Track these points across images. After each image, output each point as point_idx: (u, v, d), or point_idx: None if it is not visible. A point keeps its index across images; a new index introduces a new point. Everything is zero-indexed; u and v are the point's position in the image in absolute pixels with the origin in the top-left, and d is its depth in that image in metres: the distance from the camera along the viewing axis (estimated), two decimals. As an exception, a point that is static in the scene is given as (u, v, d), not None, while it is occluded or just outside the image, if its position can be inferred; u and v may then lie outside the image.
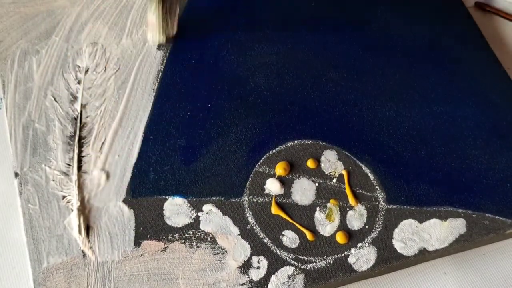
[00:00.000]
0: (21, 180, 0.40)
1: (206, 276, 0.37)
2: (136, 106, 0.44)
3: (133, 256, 0.38)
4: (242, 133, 0.43)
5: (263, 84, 0.45)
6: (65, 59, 0.46)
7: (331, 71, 0.46)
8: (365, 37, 0.49)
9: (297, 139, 0.43)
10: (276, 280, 0.37)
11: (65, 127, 0.43)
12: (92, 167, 0.41)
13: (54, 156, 0.41)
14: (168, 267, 0.37)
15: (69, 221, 0.39)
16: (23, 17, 0.48)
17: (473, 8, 0.53)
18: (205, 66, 0.46)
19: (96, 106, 0.44)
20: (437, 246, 0.39)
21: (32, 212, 0.39)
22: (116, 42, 0.47)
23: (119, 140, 0.42)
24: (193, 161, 0.42)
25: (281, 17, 0.49)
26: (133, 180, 0.40)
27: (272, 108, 0.44)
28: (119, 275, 0.37)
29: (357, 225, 0.39)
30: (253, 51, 0.47)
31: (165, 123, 0.43)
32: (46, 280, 0.37)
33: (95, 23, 0.48)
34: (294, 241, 0.39)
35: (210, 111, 0.44)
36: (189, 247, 0.38)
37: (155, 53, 0.47)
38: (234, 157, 0.42)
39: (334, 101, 0.45)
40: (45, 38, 0.47)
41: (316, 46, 0.48)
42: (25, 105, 0.43)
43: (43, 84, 0.44)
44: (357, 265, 0.38)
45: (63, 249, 0.38)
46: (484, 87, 0.47)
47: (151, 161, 0.41)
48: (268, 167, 0.41)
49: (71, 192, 0.40)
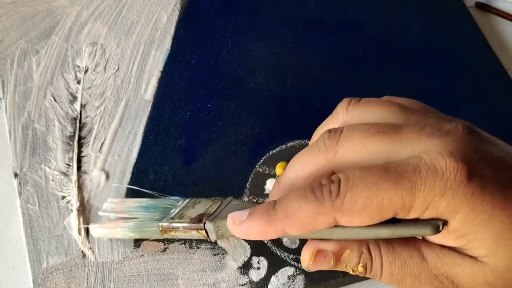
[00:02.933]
0: (21, 180, 0.40)
1: (206, 276, 0.37)
2: (136, 106, 0.44)
3: (133, 257, 0.38)
4: (242, 133, 0.43)
5: (263, 84, 0.45)
6: (65, 59, 0.46)
7: (331, 71, 0.46)
8: (365, 37, 0.48)
9: (297, 139, 0.43)
10: (276, 280, 0.37)
11: (64, 127, 0.42)
12: (92, 167, 0.41)
13: (54, 156, 0.41)
14: (168, 268, 0.37)
15: (69, 221, 0.38)
16: (22, 17, 0.48)
17: (473, 8, 0.53)
18: (205, 66, 0.46)
19: (95, 106, 0.44)
20: (437, 246, 0.39)
21: (31, 213, 0.39)
22: (116, 42, 0.47)
23: (118, 140, 0.42)
24: (193, 161, 0.41)
25: (281, 17, 0.49)
26: (133, 181, 0.40)
27: (272, 108, 0.44)
28: (119, 275, 0.37)
29: (357, 225, 0.39)
30: (253, 51, 0.47)
31: (165, 123, 0.43)
32: (46, 281, 0.37)
33: (94, 23, 0.48)
34: (294, 241, 0.39)
35: (210, 111, 0.44)
36: (189, 248, 0.38)
37: (154, 54, 0.46)
38: (234, 157, 0.42)
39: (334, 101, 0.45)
40: (45, 38, 0.47)
41: (316, 46, 0.48)
42: (24, 105, 0.43)
43: (43, 84, 0.44)
44: (357, 265, 0.38)
45: (63, 249, 0.38)
46: (484, 87, 0.47)
47: (151, 161, 0.41)
48: (268, 167, 0.41)
49: (71, 193, 0.40)
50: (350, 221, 0.25)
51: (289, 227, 0.26)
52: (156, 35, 0.47)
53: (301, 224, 0.25)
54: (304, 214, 0.25)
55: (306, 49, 0.47)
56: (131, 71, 0.45)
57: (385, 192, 0.24)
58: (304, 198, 0.25)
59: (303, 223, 0.25)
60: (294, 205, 0.26)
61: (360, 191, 0.24)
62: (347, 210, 0.24)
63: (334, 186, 0.25)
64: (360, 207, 0.24)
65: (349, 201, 0.24)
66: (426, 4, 0.51)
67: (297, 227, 0.26)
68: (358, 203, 0.24)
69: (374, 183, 0.24)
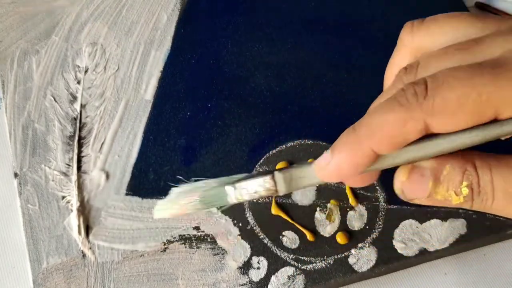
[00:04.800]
0: (21, 180, 0.40)
1: (206, 276, 0.37)
2: (136, 106, 0.44)
3: (133, 257, 0.38)
4: (242, 133, 0.43)
5: (263, 84, 0.45)
6: (65, 59, 0.46)
7: (331, 71, 0.46)
8: (365, 37, 0.48)
9: (297, 139, 0.43)
10: (276, 280, 0.37)
11: (64, 127, 0.42)
12: (92, 168, 0.41)
13: (54, 156, 0.41)
14: (168, 268, 0.37)
15: (69, 221, 0.38)
16: (22, 17, 0.48)
17: (473, 8, 0.53)
18: (205, 66, 0.46)
19: (95, 106, 0.44)
20: (437, 246, 0.39)
21: (31, 213, 0.39)
22: (116, 42, 0.47)
23: (118, 140, 0.42)
24: (193, 161, 0.41)
25: (281, 17, 0.49)
26: (133, 181, 0.40)
27: (272, 108, 0.44)
28: (119, 275, 0.37)
29: (358, 225, 0.39)
30: (253, 51, 0.47)
31: (165, 123, 0.43)
32: (46, 281, 0.37)
33: (94, 23, 0.48)
34: (294, 241, 0.39)
35: (210, 111, 0.44)
36: (189, 248, 0.38)
37: (154, 54, 0.46)
38: (234, 157, 0.42)
39: (334, 101, 0.45)
40: (45, 38, 0.47)
41: (316, 46, 0.48)
42: (24, 105, 0.43)
43: (43, 84, 0.44)
44: (357, 265, 0.38)
45: (63, 249, 0.38)
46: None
47: (150, 161, 0.41)
48: (268, 167, 0.41)
49: (71, 193, 0.40)
50: (444, 124, 0.22)
51: (377, 145, 0.23)
52: (156, 35, 0.47)
53: (390, 137, 0.22)
54: (390, 125, 0.22)
55: (306, 49, 0.47)
56: (131, 71, 0.45)
57: (483, 86, 0.21)
58: (386, 109, 0.22)
59: (391, 136, 0.22)
60: (377, 119, 0.23)
61: (452, 88, 0.21)
62: (439, 110, 0.21)
63: (419, 87, 0.22)
64: (454, 106, 0.21)
65: (441, 100, 0.21)
66: (426, 4, 0.51)
67: (385, 142, 0.22)
68: (451, 101, 0.21)
69: (468, 78, 0.21)
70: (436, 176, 0.23)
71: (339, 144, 0.24)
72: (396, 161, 0.24)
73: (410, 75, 0.24)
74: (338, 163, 0.24)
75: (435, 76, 0.22)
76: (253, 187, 0.29)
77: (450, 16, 0.26)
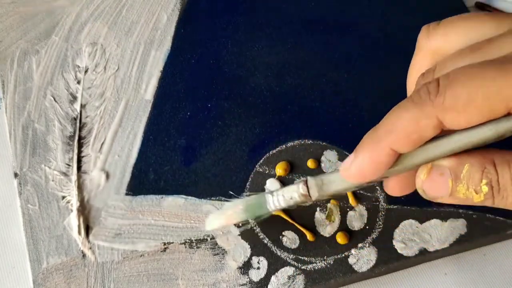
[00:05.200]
0: (21, 180, 0.40)
1: (206, 276, 0.37)
2: (136, 106, 0.44)
3: (133, 257, 0.38)
4: (242, 133, 0.43)
5: (263, 84, 0.45)
6: (65, 59, 0.46)
7: (331, 71, 0.46)
8: (365, 37, 0.48)
9: (297, 139, 0.43)
10: (276, 280, 0.37)
11: (64, 127, 0.42)
12: (92, 168, 0.41)
13: (54, 156, 0.41)
14: (168, 268, 0.37)
15: (69, 221, 0.38)
16: (22, 17, 0.48)
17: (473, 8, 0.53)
18: (205, 66, 0.46)
19: (95, 106, 0.44)
20: (437, 246, 0.39)
21: (31, 213, 0.39)
22: (116, 42, 0.47)
23: (118, 140, 0.42)
24: (193, 161, 0.41)
25: (281, 17, 0.49)
26: (133, 181, 0.40)
27: (272, 108, 0.44)
28: (119, 275, 0.37)
29: (358, 225, 0.39)
30: (253, 51, 0.47)
31: (165, 123, 0.43)
32: (46, 281, 0.37)
33: (94, 23, 0.48)
34: (294, 241, 0.39)
35: (210, 111, 0.44)
36: (189, 248, 0.38)
37: (154, 54, 0.46)
38: (234, 157, 0.42)
39: (334, 101, 0.45)
40: (45, 38, 0.47)
41: (316, 46, 0.48)
42: (24, 105, 0.43)
43: (43, 84, 0.44)
44: (357, 265, 0.38)
45: (63, 249, 0.38)
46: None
47: (151, 161, 0.41)
48: (268, 167, 0.41)
49: (71, 193, 0.40)
50: (456, 120, 0.22)
51: (395, 143, 0.24)
52: (156, 35, 0.47)
53: (406, 135, 0.23)
54: (405, 123, 0.23)
55: (306, 49, 0.47)
56: (131, 71, 0.45)
57: (493, 81, 0.21)
58: (402, 108, 0.23)
59: (408, 133, 0.23)
60: (393, 118, 0.24)
61: (462, 84, 0.22)
62: (450, 106, 0.22)
63: (432, 85, 0.23)
64: (465, 101, 0.22)
65: (451, 96, 0.22)
66: (426, 4, 0.51)
67: (402, 140, 0.23)
68: (461, 96, 0.22)
69: (477, 73, 0.22)
70: (456, 174, 0.24)
71: (361, 145, 0.25)
72: (414, 161, 0.25)
73: (428, 79, 0.25)
74: (361, 163, 0.25)
75: (447, 74, 0.22)
76: (288, 193, 0.32)
77: (465, 17, 0.26)
